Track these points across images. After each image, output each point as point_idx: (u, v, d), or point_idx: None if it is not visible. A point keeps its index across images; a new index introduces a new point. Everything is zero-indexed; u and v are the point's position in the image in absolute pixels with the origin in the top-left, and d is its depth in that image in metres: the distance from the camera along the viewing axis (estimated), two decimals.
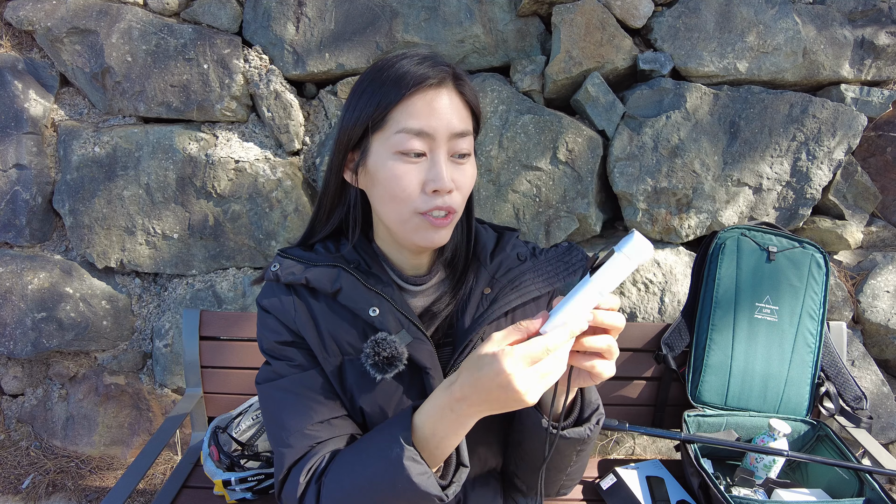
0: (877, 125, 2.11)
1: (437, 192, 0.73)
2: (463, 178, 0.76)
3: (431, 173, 0.73)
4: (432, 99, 0.72)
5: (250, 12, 2.00)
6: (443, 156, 0.73)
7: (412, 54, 0.75)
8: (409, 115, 0.72)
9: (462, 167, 0.76)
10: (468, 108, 0.77)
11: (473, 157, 0.80)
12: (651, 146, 1.98)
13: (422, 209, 0.74)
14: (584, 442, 0.76)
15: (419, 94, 0.72)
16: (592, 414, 0.76)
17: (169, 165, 2.00)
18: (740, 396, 1.56)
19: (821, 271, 1.58)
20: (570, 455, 0.78)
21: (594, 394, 0.78)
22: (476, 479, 0.90)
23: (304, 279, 0.81)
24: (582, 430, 0.74)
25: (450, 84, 0.74)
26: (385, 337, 0.77)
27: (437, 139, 0.72)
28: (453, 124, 0.73)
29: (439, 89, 0.73)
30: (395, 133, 0.72)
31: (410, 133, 0.72)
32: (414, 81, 0.71)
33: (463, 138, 0.75)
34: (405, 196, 0.74)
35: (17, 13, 1.93)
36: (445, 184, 0.72)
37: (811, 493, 1.38)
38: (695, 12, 1.96)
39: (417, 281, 0.87)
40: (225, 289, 2.10)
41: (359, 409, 0.82)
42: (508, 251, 0.89)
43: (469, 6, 1.96)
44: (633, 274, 2.05)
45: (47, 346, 2.12)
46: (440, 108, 0.72)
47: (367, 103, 0.74)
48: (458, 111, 0.74)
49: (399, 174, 0.73)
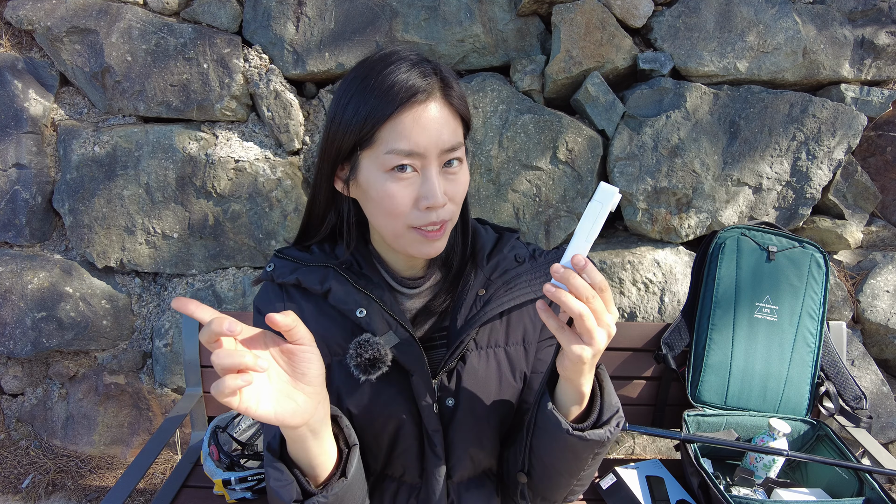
0: (877, 125, 2.11)
1: (430, 207, 0.72)
2: (456, 188, 0.75)
3: (424, 189, 0.72)
4: (420, 115, 0.70)
5: (250, 12, 2.00)
6: (434, 171, 0.72)
7: (397, 59, 0.72)
8: (398, 134, 0.70)
9: (454, 177, 0.75)
10: (458, 117, 0.75)
11: (465, 161, 0.78)
12: (651, 146, 1.98)
13: (415, 224, 0.73)
14: (603, 445, 0.73)
15: (407, 111, 0.70)
16: (612, 417, 0.74)
17: (169, 165, 2.00)
18: (740, 396, 1.56)
19: (821, 271, 1.58)
20: (587, 458, 0.76)
21: (614, 397, 0.76)
22: (470, 481, 0.90)
23: (295, 279, 0.82)
24: (602, 431, 0.72)
25: (438, 95, 0.72)
26: (368, 338, 0.77)
27: (427, 157, 0.71)
28: (443, 140, 0.71)
29: (427, 104, 0.71)
30: (384, 153, 0.71)
31: (400, 154, 0.70)
32: (402, 98, 0.69)
33: (454, 150, 0.74)
34: (398, 213, 0.73)
35: (17, 12, 1.93)
36: (438, 200, 0.71)
37: (811, 493, 1.38)
38: (695, 12, 1.96)
39: (412, 284, 0.86)
40: (225, 288, 2.10)
41: (346, 412, 0.82)
42: (506, 253, 0.88)
43: (469, 6, 1.96)
44: (633, 274, 2.05)
45: (47, 345, 2.12)
46: (429, 124, 0.71)
47: (353, 115, 0.72)
48: (447, 124, 0.72)
49: (391, 192, 0.72)
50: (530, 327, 0.88)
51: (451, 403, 0.83)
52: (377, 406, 0.82)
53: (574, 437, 0.71)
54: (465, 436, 0.85)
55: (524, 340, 0.88)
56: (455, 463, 0.86)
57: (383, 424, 0.83)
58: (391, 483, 0.89)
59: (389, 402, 0.82)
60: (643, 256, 2.06)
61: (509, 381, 0.86)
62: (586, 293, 0.61)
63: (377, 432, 0.84)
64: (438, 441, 0.84)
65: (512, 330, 0.87)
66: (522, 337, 0.88)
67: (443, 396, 0.83)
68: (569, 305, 0.61)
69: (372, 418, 0.82)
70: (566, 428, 0.71)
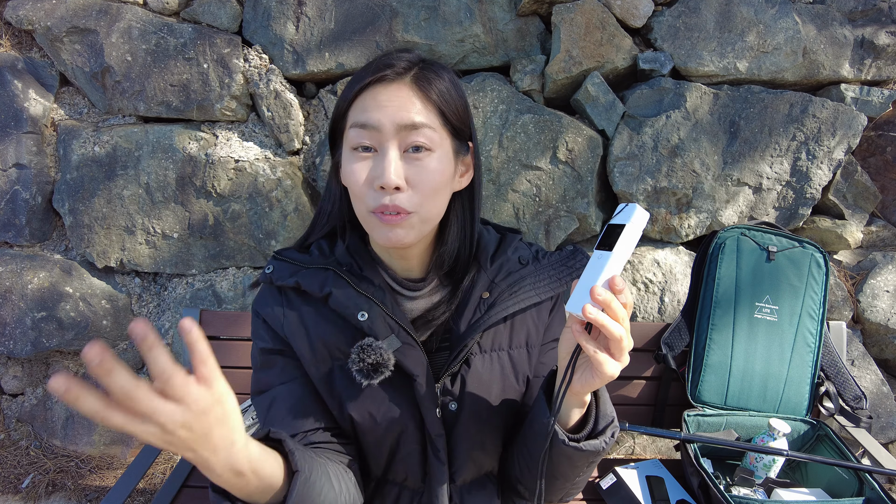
0: (877, 125, 2.11)
1: (383, 188, 0.70)
2: (419, 174, 0.71)
3: (376, 169, 0.71)
4: (381, 92, 0.71)
5: (250, 12, 2.00)
6: (391, 151, 0.70)
7: (396, 51, 0.74)
8: (359, 108, 0.72)
9: (418, 162, 0.71)
10: (431, 105, 0.72)
11: (445, 154, 0.74)
12: (651, 146, 1.98)
13: (371, 207, 0.72)
14: (598, 454, 0.74)
15: (370, 89, 0.71)
16: (607, 427, 0.75)
17: (169, 165, 2.00)
18: (740, 396, 1.56)
19: (820, 271, 1.58)
20: (582, 466, 0.77)
21: (609, 407, 0.76)
22: (472, 483, 0.89)
23: (294, 282, 0.80)
24: (598, 442, 0.73)
25: (408, 80, 0.72)
26: (371, 343, 0.76)
27: (383, 132, 0.70)
28: (400, 116, 0.70)
29: (391, 83, 0.71)
30: (349, 128, 0.73)
31: (358, 127, 0.71)
32: (367, 76, 0.71)
33: (416, 130, 0.70)
34: (358, 193, 0.73)
35: (17, 12, 1.93)
36: (386, 180, 0.69)
37: (811, 493, 1.38)
38: (695, 12, 1.96)
39: (414, 286, 0.85)
40: (225, 288, 2.10)
41: (348, 417, 0.81)
42: (510, 254, 0.87)
43: (469, 6, 1.96)
44: (633, 274, 2.05)
45: (47, 345, 2.12)
46: (387, 100, 0.70)
47: (339, 98, 0.75)
48: (411, 104, 0.71)
49: (353, 170, 0.72)
50: (533, 330, 0.88)
51: (454, 407, 0.82)
52: (379, 411, 0.81)
53: (570, 448, 0.72)
54: (467, 439, 0.84)
55: (527, 343, 0.87)
56: (458, 466, 0.85)
57: (385, 429, 0.82)
58: (393, 488, 0.88)
59: (392, 407, 0.81)
60: (643, 256, 2.06)
61: (512, 384, 0.86)
62: (621, 314, 0.62)
63: (379, 437, 0.83)
64: (441, 445, 0.83)
65: (515, 333, 0.86)
66: (525, 340, 0.87)
67: (445, 400, 0.83)
68: (609, 329, 0.62)
69: (374, 423, 0.81)
70: (562, 438, 0.72)
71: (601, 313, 0.62)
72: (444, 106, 0.73)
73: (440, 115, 0.74)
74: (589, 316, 0.62)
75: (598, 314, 0.62)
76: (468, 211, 0.84)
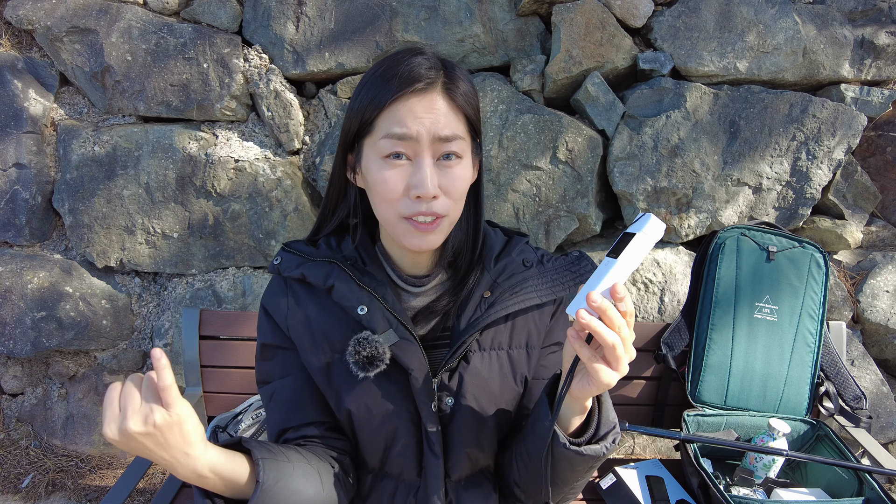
0: (877, 125, 2.11)
1: (420, 197, 0.72)
2: (451, 182, 0.75)
3: (415, 179, 0.72)
4: (416, 104, 0.72)
5: (250, 11, 2.00)
6: (427, 160, 0.73)
7: (407, 56, 0.74)
8: (394, 119, 0.72)
9: (450, 170, 0.75)
10: (460, 113, 0.75)
11: (469, 159, 0.78)
12: (651, 146, 1.98)
13: (405, 214, 0.74)
14: (598, 459, 0.75)
15: (405, 98, 0.72)
16: (609, 433, 0.75)
17: (169, 165, 2.00)
18: (740, 396, 1.56)
19: (820, 271, 1.58)
20: (582, 471, 0.78)
21: (612, 413, 0.77)
22: (468, 480, 0.90)
23: (300, 274, 0.83)
24: (599, 447, 0.73)
25: (439, 87, 0.73)
26: (367, 336, 0.78)
27: (420, 143, 0.72)
28: (437, 128, 0.72)
29: (426, 93, 0.72)
30: (380, 138, 0.73)
31: (393, 138, 0.72)
32: (401, 85, 0.71)
33: (450, 142, 0.73)
34: (390, 199, 0.74)
35: (17, 12, 1.93)
36: (427, 190, 0.72)
37: (810, 493, 1.38)
38: (695, 12, 1.96)
39: (418, 282, 0.86)
40: (224, 288, 2.10)
41: (345, 409, 0.83)
42: (514, 256, 0.88)
43: (469, 6, 1.96)
44: (633, 274, 2.05)
45: (47, 345, 2.12)
46: (424, 112, 0.72)
47: (359, 105, 0.75)
48: (445, 115, 0.73)
49: (385, 178, 0.73)
50: (534, 332, 0.88)
51: (451, 403, 0.83)
52: (375, 404, 0.82)
53: (571, 451, 0.73)
54: (463, 435, 0.85)
55: (527, 345, 0.88)
56: (453, 462, 0.86)
57: (381, 422, 0.83)
58: (390, 481, 0.89)
59: (387, 400, 0.82)
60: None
61: (510, 383, 0.86)
62: (618, 323, 0.62)
63: (375, 430, 0.84)
64: (437, 440, 0.84)
65: (516, 333, 0.87)
66: (526, 341, 0.88)
67: (442, 396, 0.83)
68: (602, 337, 0.61)
69: (370, 416, 0.83)
70: (563, 441, 0.73)
71: (594, 319, 0.62)
72: (467, 109, 0.76)
73: (466, 120, 0.77)
74: (582, 321, 0.62)
75: (591, 320, 0.62)
76: (473, 202, 0.87)
